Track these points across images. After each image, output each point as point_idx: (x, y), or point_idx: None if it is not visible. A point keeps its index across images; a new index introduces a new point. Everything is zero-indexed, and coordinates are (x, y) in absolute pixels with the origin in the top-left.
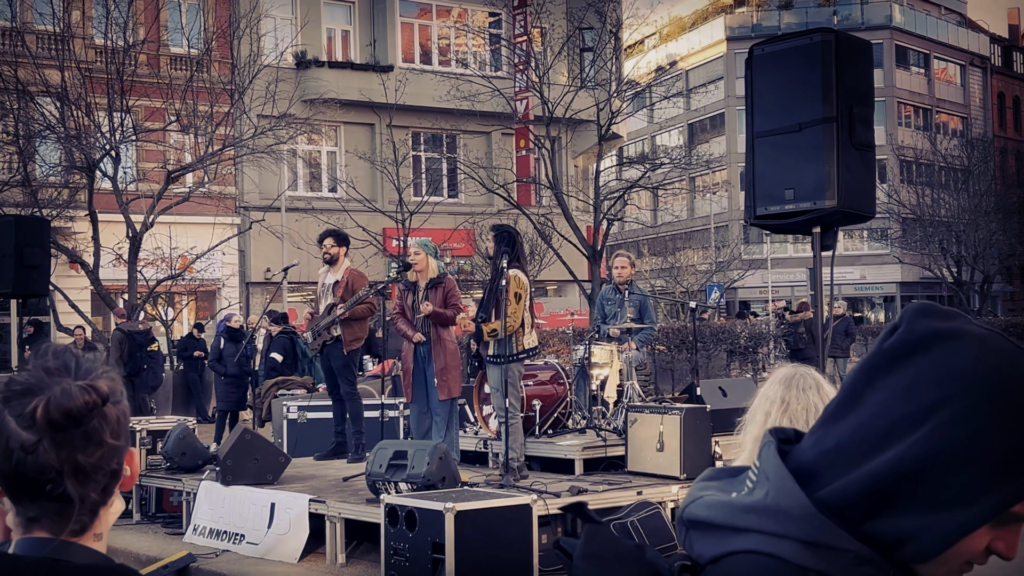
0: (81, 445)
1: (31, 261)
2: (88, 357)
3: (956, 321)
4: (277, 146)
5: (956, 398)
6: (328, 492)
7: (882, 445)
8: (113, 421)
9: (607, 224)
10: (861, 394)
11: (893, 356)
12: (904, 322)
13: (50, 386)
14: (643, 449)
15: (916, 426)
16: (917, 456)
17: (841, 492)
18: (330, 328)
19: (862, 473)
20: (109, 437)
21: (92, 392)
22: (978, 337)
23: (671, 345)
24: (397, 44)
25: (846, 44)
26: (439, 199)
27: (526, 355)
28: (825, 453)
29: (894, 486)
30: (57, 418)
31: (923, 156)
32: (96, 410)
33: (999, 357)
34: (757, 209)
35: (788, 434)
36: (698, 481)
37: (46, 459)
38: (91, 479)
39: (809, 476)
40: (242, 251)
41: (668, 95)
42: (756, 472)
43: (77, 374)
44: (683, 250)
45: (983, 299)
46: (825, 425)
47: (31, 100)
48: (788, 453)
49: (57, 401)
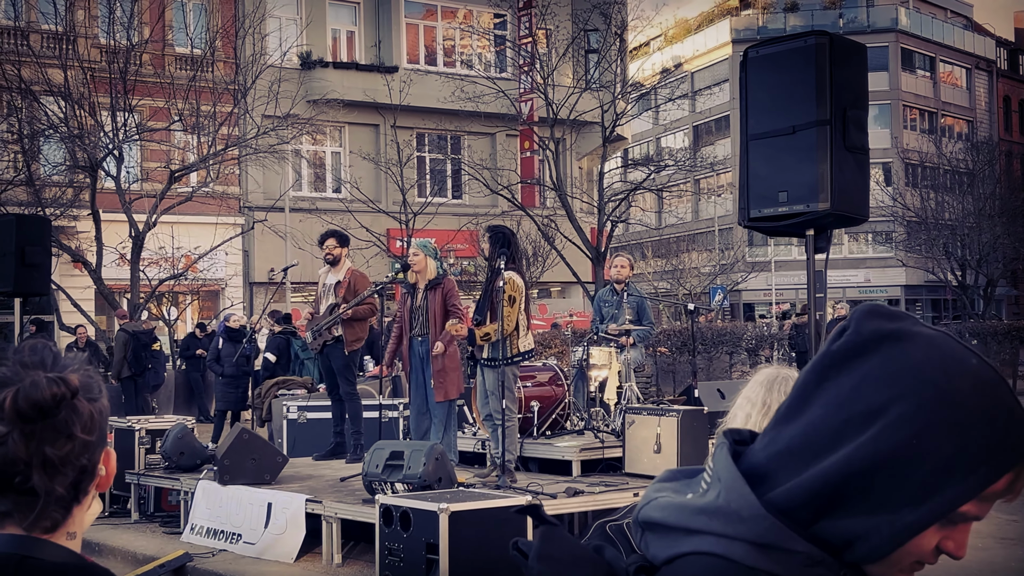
0: (50, 437)
1: (32, 260)
2: (69, 356)
3: (904, 322)
4: (281, 146)
5: (904, 398)
6: (325, 492)
7: (831, 446)
8: (85, 416)
9: (611, 226)
10: (811, 395)
11: (842, 357)
12: (852, 324)
13: (22, 378)
14: (641, 451)
15: (865, 426)
16: (865, 456)
17: (791, 493)
18: (331, 328)
19: (812, 474)
20: (80, 431)
21: (61, 384)
22: (926, 338)
23: (673, 347)
24: (402, 45)
25: (840, 47)
26: (443, 200)
27: (521, 358)
28: (776, 454)
29: (843, 487)
30: (25, 408)
31: (928, 159)
32: (64, 402)
33: (947, 357)
34: (751, 211)
35: (743, 435)
36: (655, 482)
37: (15, 451)
38: (59, 472)
39: (761, 477)
40: (246, 251)
41: (673, 97)
42: (710, 473)
43: (51, 367)
44: (687, 252)
45: (987, 303)
46: (777, 426)
47: (35, 99)
48: (742, 455)
49: (26, 392)
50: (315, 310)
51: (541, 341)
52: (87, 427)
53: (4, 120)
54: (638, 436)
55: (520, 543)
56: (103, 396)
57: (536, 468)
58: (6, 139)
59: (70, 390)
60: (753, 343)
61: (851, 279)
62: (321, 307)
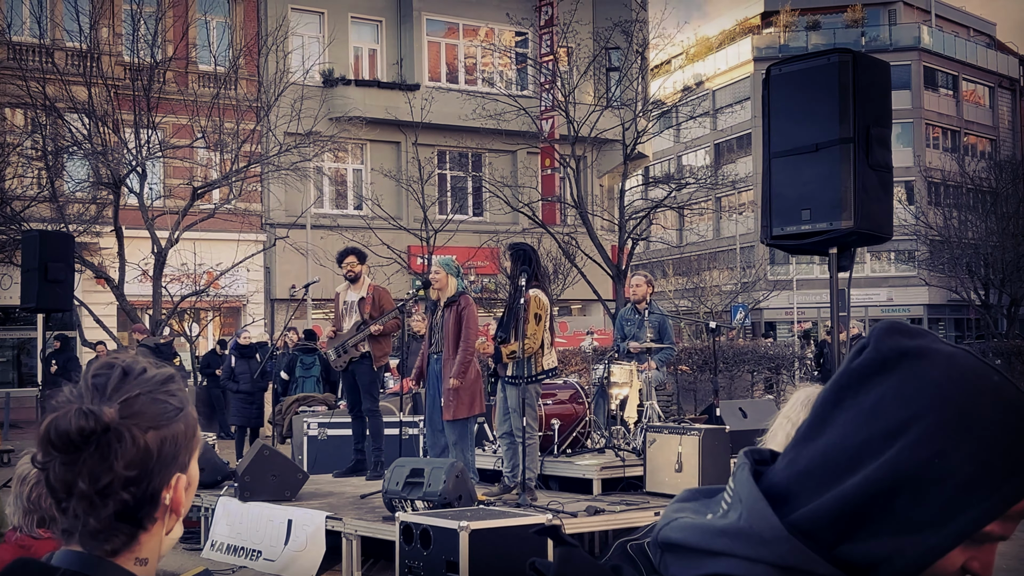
0: (86, 471)
1: (55, 276)
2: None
3: (923, 339)
4: (303, 163)
5: (924, 416)
6: (345, 509)
7: (852, 466)
8: (130, 449)
9: (632, 244)
10: (831, 414)
11: (861, 375)
12: (871, 341)
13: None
14: (662, 470)
15: (885, 446)
16: (887, 477)
17: (813, 515)
18: (358, 345)
19: (833, 495)
20: (122, 466)
21: (90, 419)
22: (946, 355)
23: (694, 365)
24: (424, 63)
25: (864, 65)
26: (464, 217)
27: (545, 376)
28: (797, 475)
29: (865, 508)
30: (54, 440)
31: (951, 178)
32: (94, 437)
33: (967, 374)
34: (773, 229)
35: (764, 455)
36: (674, 502)
37: (55, 479)
38: (95, 505)
39: (782, 498)
40: (267, 268)
41: (694, 115)
42: (731, 494)
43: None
44: (708, 270)
45: (1011, 322)
46: (797, 446)
47: (59, 116)
48: (762, 474)
49: (55, 423)
50: (337, 327)
51: (562, 359)
52: (134, 461)
53: (29, 137)
54: (659, 455)
55: (538, 563)
56: (178, 419)
57: (557, 486)
58: (30, 156)
59: (100, 426)
60: (775, 364)
61: (874, 298)
62: (344, 324)
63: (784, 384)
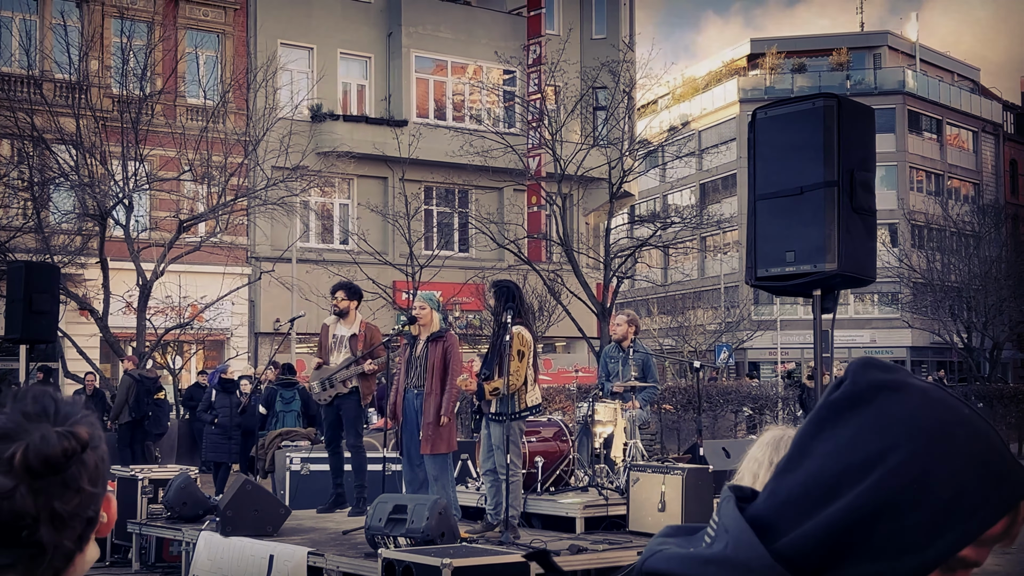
0: (59, 492)
1: (40, 307)
2: (67, 400)
3: (898, 374)
4: (290, 198)
5: (901, 445)
6: (327, 545)
7: (832, 495)
8: (91, 467)
9: (617, 281)
10: (810, 446)
11: (839, 408)
12: (849, 375)
13: (29, 431)
14: (645, 509)
15: (864, 474)
16: (866, 504)
17: (796, 543)
18: (346, 381)
19: (815, 524)
20: (87, 484)
21: (72, 439)
22: (920, 389)
23: (677, 404)
24: (412, 99)
25: (848, 109)
26: (450, 253)
27: (529, 412)
28: (778, 506)
29: (847, 535)
30: (36, 465)
31: (934, 221)
32: (75, 457)
33: (940, 405)
34: (758, 270)
35: (746, 492)
36: (657, 536)
37: (22, 505)
38: (67, 526)
39: (765, 528)
40: (252, 301)
41: (680, 155)
42: (715, 526)
43: (56, 419)
44: (692, 309)
45: (993, 365)
46: (777, 479)
47: (46, 147)
48: (745, 509)
49: (36, 447)
50: (324, 360)
51: (546, 396)
52: (93, 478)
53: (15, 167)
54: (642, 494)
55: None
56: (103, 442)
57: (539, 524)
58: (16, 186)
59: (80, 444)
60: (759, 404)
61: (857, 339)
62: (332, 358)
63: (768, 424)
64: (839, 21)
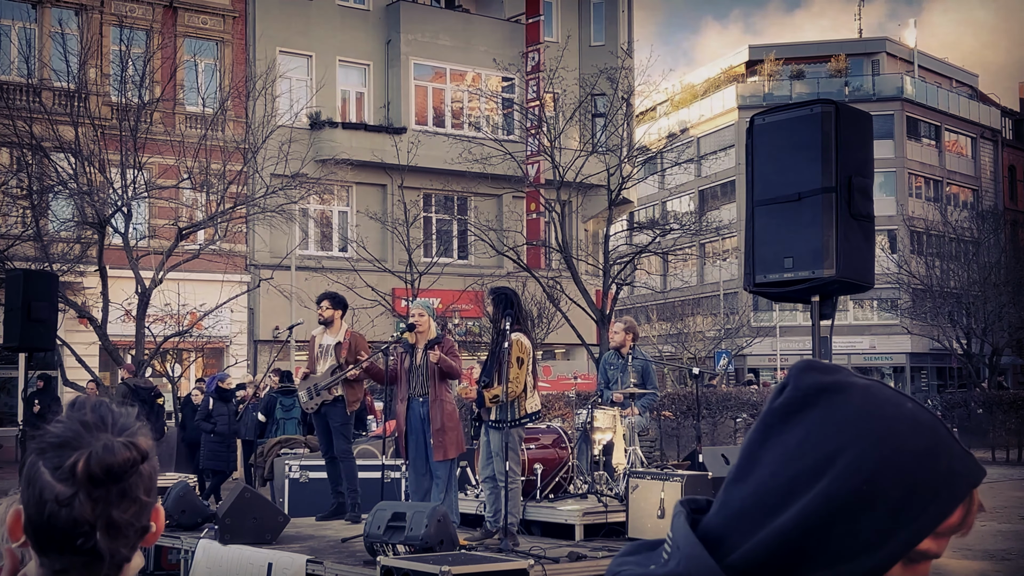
0: (116, 501)
1: (38, 315)
2: (122, 411)
3: (839, 374)
4: (289, 205)
5: (848, 447)
6: (325, 553)
7: (784, 503)
8: (147, 478)
9: (616, 288)
10: (758, 454)
11: (784, 414)
12: (791, 379)
13: (88, 440)
14: (644, 516)
15: (814, 479)
16: (818, 508)
17: (749, 555)
18: (331, 389)
19: (768, 533)
20: (143, 494)
21: (133, 449)
22: (862, 387)
23: (677, 411)
24: (411, 106)
25: (846, 115)
26: (449, 260)
27: (528, 419)
28: (730, 517)
29: (801, 542)
30: (98, 473)
31: (933, 227)
32: (136, 467)
33: (884, 403)
34: (756, 276)
35: (700, 504)
36: (618, 556)
37: (81, 513)
38: (122, 535)
39: (718, 542)
40: (251, 309)
41: (679, 161)
42: (669, 543)
43: (114, 429)
44: (692, 316)
45: (992, 371)
46: (727, 489)
47: (45, 155)
48: (699, 522)
49: (99, 456)
50: (311, 369)
51: (545, 403)
52: (148, 489)
53: (14, 176)
54: (642, 501)
55: None
56: (154, 452)
57: (539, 532)
58: (15, 195)
59: (141, 455)
60: (757, 411)
61: (856, 346)
62: (318, 367)
63: None
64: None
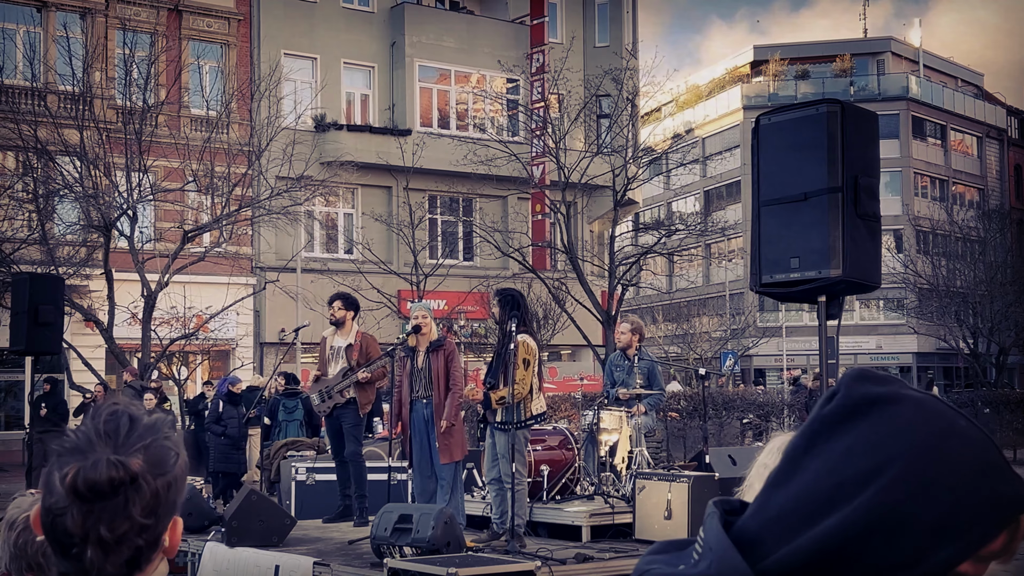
0: (107, 517)
1: (45, 319)
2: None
3: (893, 386)
4: (294, 207)
5: (897, 460)
6: (332, 555)
7: (825, 510)
8: (147, 497)
9: (622, 289)
10: (802, 460)
11: (832, 422)
12: (842, 388)
13: (87, 453)
14: (651, 517)
15: (858, 490)
16: (859, 520)
17: (785, 561)
18: (343, 391)
19: (806, 540)
20: (139, 514)
21: (120, 469)
22: (914, 400)
23: (683, 412)
24: (415, 108)
25: (852, 115)
26: (454, 262)
27: (534, 421)
28: (768, 521)
29: (839, 552)
30: (82, 489)
31: (939, 227)
32: (123, 487)
33: (937, 418)
34: (763, 277)
35: (734, 505)
36: (647, 554)
37: (71, 525)
38: (112, 551)
39: (753, 545)
40: (257, 311)
41: (684, 162)
42: (701, 544)
43: (119, 442)
44: (698, 317)
45: (999, 371)
46: (766, 492)
47: (51, 159)
48: (732, 524)
49: (85, 473)
50: (322, 372)
51: (551, 404)
52: (148, 508)
53: (20, 179)
54: (649, 502)
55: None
56: (176, 466)
57: (545, 533)
58: (21, 198)
59: (129, 475)
60: (764, 411)
61: (863, 346)
62: (330, 369)
63: (773, 431)
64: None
